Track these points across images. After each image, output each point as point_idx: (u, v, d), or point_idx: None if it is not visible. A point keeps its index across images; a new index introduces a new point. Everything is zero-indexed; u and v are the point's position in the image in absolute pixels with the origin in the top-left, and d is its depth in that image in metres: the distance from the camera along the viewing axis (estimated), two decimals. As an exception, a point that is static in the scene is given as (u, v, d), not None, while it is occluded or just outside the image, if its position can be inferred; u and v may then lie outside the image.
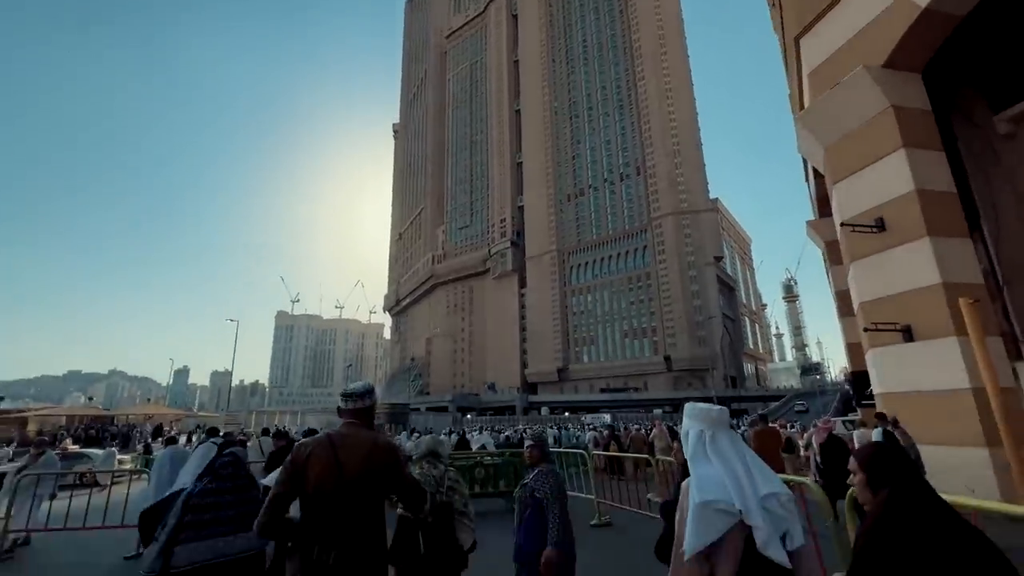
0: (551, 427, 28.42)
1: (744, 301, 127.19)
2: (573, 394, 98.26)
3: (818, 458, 6.81)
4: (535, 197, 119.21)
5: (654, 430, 15.28)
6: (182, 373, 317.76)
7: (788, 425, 19.65)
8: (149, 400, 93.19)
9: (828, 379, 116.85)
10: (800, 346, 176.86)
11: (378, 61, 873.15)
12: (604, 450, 14.70)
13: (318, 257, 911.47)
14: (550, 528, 2.90)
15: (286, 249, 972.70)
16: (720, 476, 1.64)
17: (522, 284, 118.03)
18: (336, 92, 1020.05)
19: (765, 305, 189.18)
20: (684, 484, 1.73)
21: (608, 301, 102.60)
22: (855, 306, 9.55)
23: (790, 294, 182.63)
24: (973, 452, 6.83)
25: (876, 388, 8.51)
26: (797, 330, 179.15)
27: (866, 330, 8.10)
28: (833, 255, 14.50)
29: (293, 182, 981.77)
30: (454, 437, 16.76)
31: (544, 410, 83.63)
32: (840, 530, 3.55)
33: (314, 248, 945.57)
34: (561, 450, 11.74)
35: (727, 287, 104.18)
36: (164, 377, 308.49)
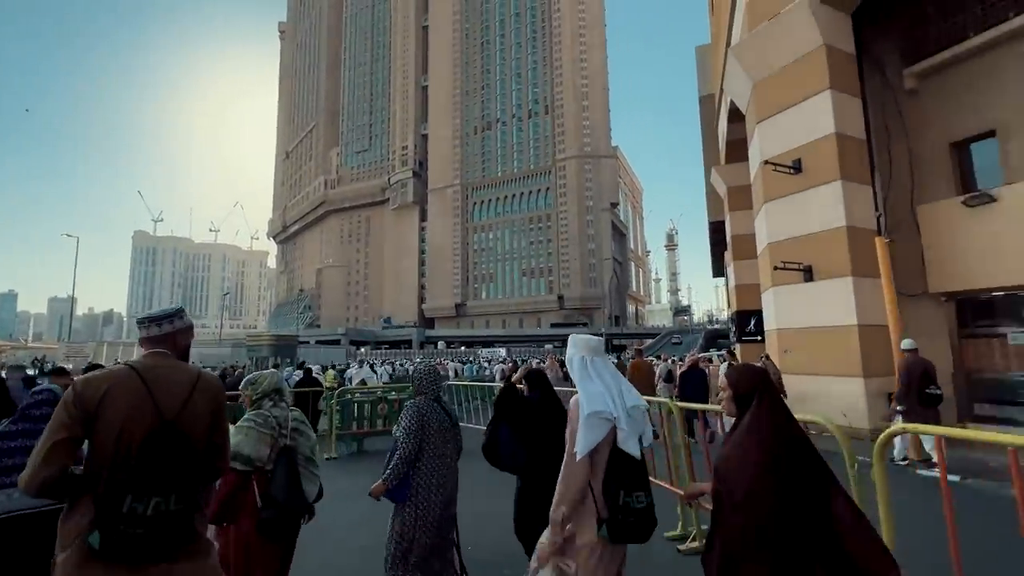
0: (450, 360, 28.28)
1: (632, 247, 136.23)
2: (470, 329, 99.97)
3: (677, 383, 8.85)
4: (440, 127, 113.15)
5: (548, 361, 15.90)
6: (8, 298, 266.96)
7: (669, 359, 21.44)
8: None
9: (694, 320, 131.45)
10: (674, 290, 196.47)
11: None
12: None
13: (188, 171, 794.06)
14: (388, 464, 2.87)
15: (147, 158, 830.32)
16: (602, 392, 2.06)
17: (423, 217, 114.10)
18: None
19: (649, 252, 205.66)
20: (573, 400, 2.08)
21: (509, 240, 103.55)
22: (760, 247, 9.97)
23: (671, 243, 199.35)
24: (852, 382, 7.51)
25: (773, 324, 9.09)
26: (673, 276, 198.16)
27: (776, 268, 8.43)
28: (735, 201, 15.24)
29: (153, 77, 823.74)
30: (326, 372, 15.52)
31: (440, 344, 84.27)
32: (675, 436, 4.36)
33: (183, 161, 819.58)
34: (463, 383, 11.31)
35: (619, 233, 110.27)
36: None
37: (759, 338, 14.79)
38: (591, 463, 2.00)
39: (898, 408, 6.13)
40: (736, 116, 13.64)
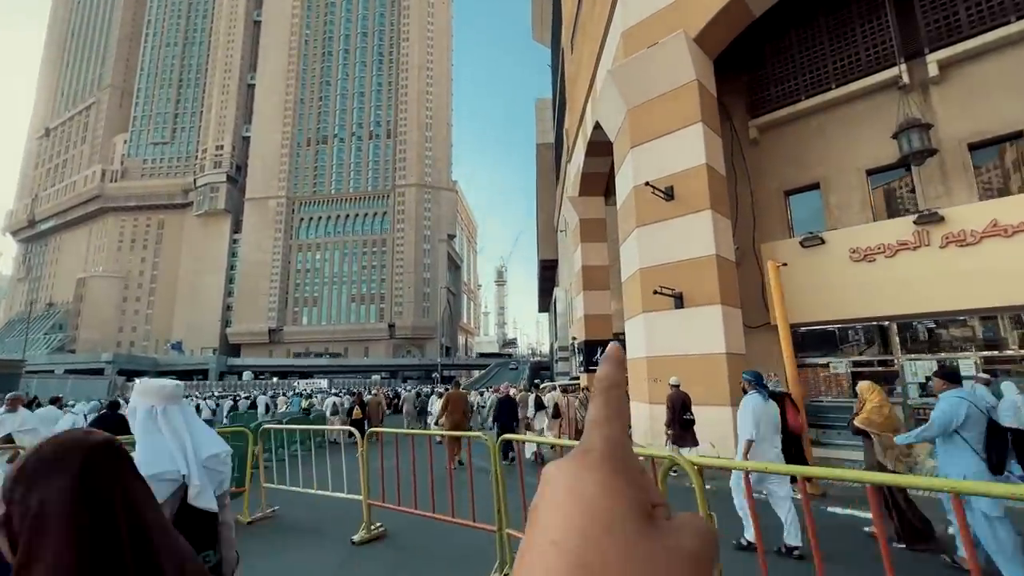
0: (261, 393, 23.31)
1: (465, 280, 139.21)
2: (286, 358, 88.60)
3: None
4: (267, 131, 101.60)
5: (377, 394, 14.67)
6: None
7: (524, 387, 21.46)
8: None
9: (520, 352, 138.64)
10: (502, 324, 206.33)
11: None
12: (350, 417, 12.28)
13: None
14: None
15: None
16: (169, 447, 1.80)
17: (236, 228, 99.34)
18: None
19: (480, 286, 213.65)
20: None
21: (339, 262, 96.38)
22: (626, 273, 9.84)
23: (500, 279, 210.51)
24: (721, 411, 7.41)
25: (642, 352, 8.82)
26: (501, 310, 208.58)
27: (656, 292, 8.18)
28: (587, 233, 15.58)
29: None
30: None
31: (247, 375, 72.41)
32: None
33: None
34: (283, 426, 8.58)
35: (455, 264, 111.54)
36: None
37: (606, 369, 14.98)
38: None
39: (668, 432, 7.33)
40: (596, 149, 13.97)
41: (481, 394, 20.77)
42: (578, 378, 16.90)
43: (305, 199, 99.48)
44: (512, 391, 11.30)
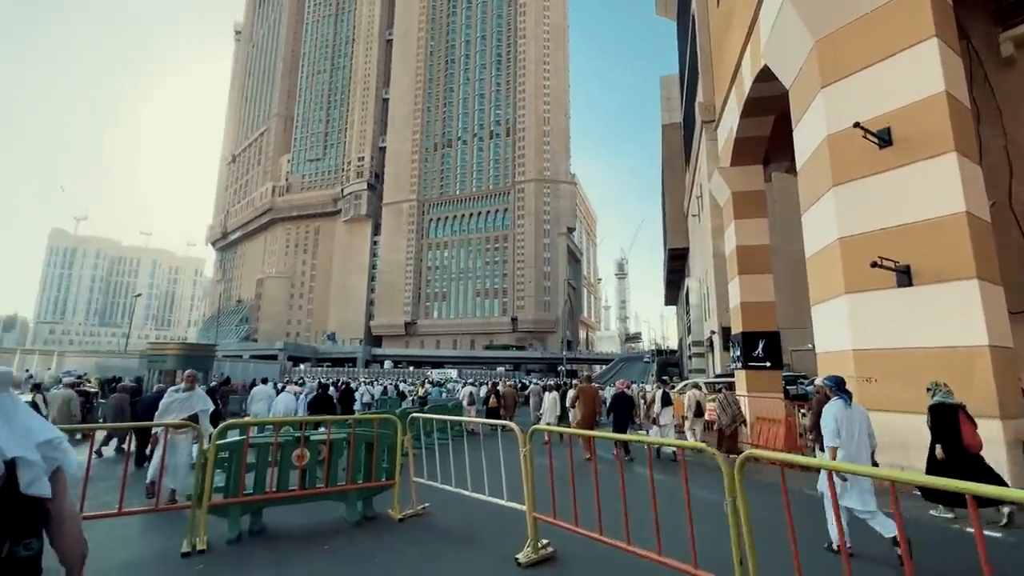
0: (401, 381, 24.81)
1: (585, 274, 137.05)
2: (419, 349, 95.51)
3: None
4: (400, 141, 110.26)
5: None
6: None
7: (657, 385, 20.16)
8: None
9: (642, 348, 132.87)
10: (623, 318, 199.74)
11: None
12: (486, 406, 12.08)
13: (126, 170, 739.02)
14: None
15: (81, 153, 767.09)
16: None
17: (376, 231, 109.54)
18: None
19: (600, 279, 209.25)
20: None
21: (464, 259, 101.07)
22: (814, 247, 7.89)
23: (621, 271, 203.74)
24: (983, 424, 5.33)
25: (847, 344, 6.89)
26: (622, 304, 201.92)
27: (875, 266, 6.27)
28: (741, 208, 13.40)
29: (89, 68, 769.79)
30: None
31: (387, 363, 79.43)
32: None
33: (120, 159, 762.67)
34: (431, 416, 8.39)
35: (574, 258, 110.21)
36: None
37: (768, 364, 12.91)
38: None
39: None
40: (756, 108, 11.87)
41: (602, 388, 20.38)
42: (731, 375, 14.74)
43: (433, 200, 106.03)
44: (641, 388, 11.39)
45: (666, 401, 10.63)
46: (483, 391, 15.29)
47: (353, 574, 3.90)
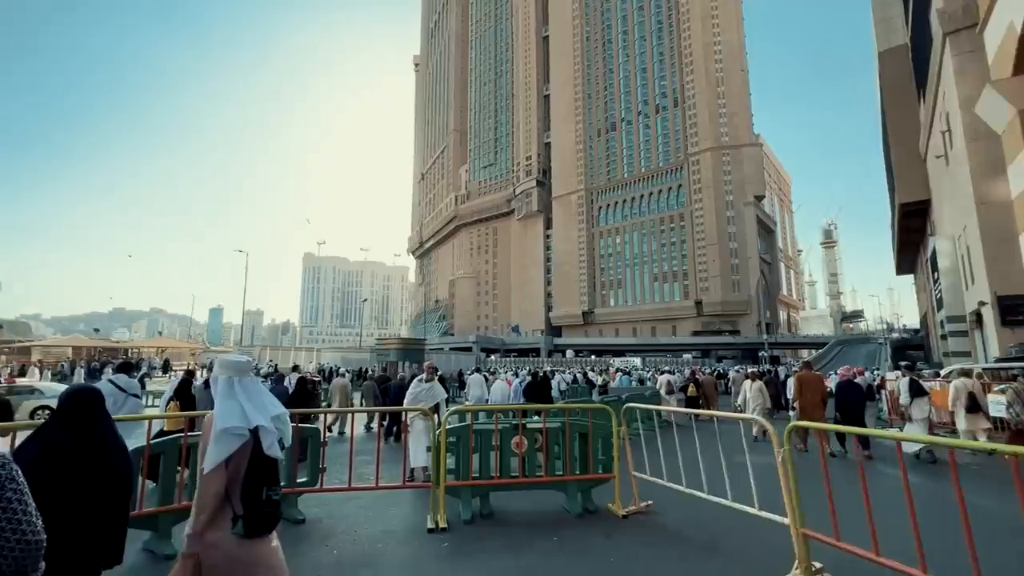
0: (589, 369, 25.42)
1: (781, 246, 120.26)
2: (599, 337, 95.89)
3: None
4: (563, 133, 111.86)
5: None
6: (217, 312, 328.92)
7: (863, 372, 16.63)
8: (190, 337, 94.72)
9: (867, 328, 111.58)
10: (835, 294, 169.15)
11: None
12: (685, 394, 11.62)
13: (343, 200, 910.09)
14: None
15: (311, 193, 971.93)
16: (239, 408, 2.27)
17: (548, 225, 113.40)
18: (354, 22, 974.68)
19: (801, 251, 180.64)
20: (207, 417, 2.28)
21: (638, 243, 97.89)
22: None
23: (828, 240, 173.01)
24: None
25: None
26: (833, 277, 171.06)
27: None
28: None
29: (315, 125, 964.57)
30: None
31: (569, 353, 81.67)
32: None
33: (340, 191, 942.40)
34: (643, 406, 8.36)
35: (766, 229, 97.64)
36: (202, 316, 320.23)
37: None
38: (226, 472, 2.16)
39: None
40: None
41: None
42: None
43: (601, 187, 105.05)
44: (876, 376, 10.48)
45: (916, 391, 8.89)
46: (677, 379, 14.61)
47: (590, 572, 3.78)
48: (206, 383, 8.15)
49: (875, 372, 17.40)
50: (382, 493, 5.60)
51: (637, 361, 54.26)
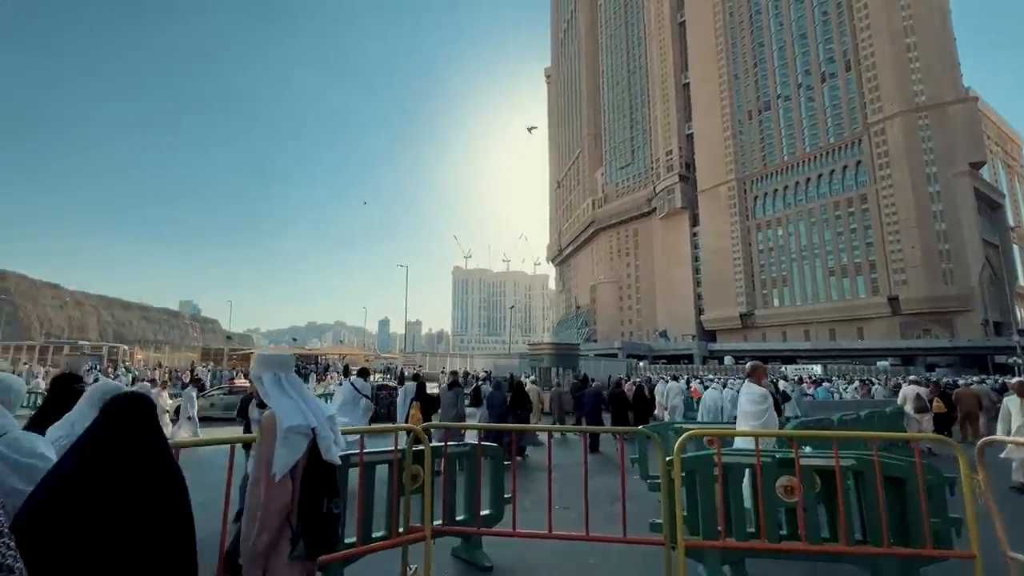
0: (780, 378, 22.16)
1: (1012, 223, 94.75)
2: (762, 342, 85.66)
3: None
4: (707, 121, 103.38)
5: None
6: (385, 323, 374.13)
7: None
8: (364, 345, 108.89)
9: None
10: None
11: (525, 6, 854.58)
12: (929, 411, 9.07)
13: (484, 215, 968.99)
14: None
15: (456, 210, 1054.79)
16: (297, 406, 2.04)
17: (694, 222, 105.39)
18: (487, 46, 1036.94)
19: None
20: (266, 416, 2.02)
21: (805, 234, 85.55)
22: None
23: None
24: None
25: None
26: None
27: None
28: None
29: (459, 150, 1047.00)
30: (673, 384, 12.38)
31: (728, 359, 74.24)
32: None
33: (481, 206, 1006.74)
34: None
35: (989, 204, 77.81)
36: (373, 327, 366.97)
37: None
38: (293, 480, 1.92)
39: None
40: None
41: None
42: None
43: (755, 176, 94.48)
44: None
45: None
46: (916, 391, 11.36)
47: None
48: (449, 385, 8.82)
49: None
50: (594, 545, 4.26)
51: (817, 368, 46.75)
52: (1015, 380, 7.89)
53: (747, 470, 3.58)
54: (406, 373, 32.82)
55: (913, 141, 71.51)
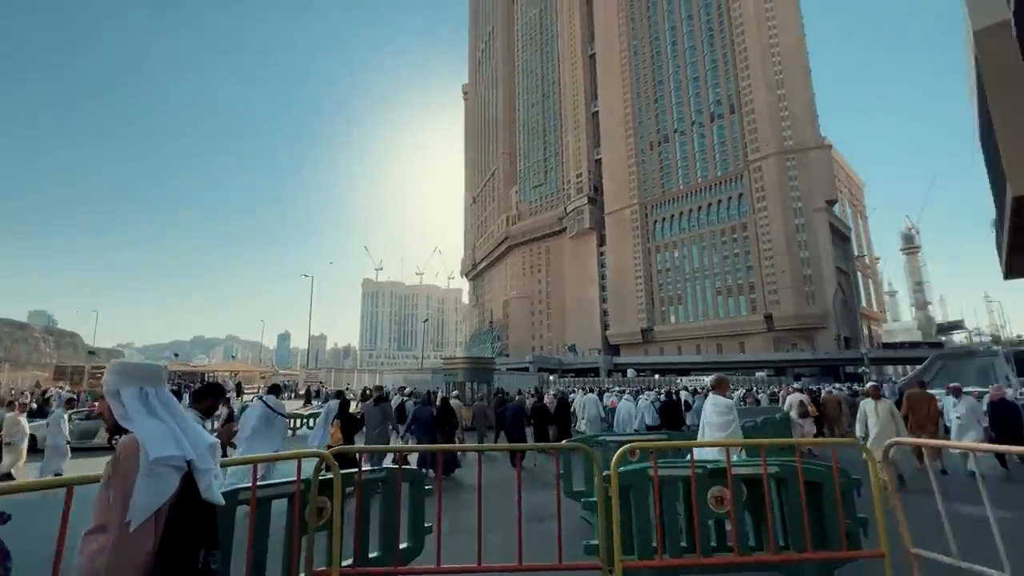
0: (682, 388, 23.71)
1: (857, 253, 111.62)
2: (659, 356, 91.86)
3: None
4: (613, 148, 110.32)
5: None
6: (285, 337, 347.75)
7: None
8: (261, 361, 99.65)
9: (957, 340, 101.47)
10: (922, 304, 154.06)
11: (443, 22, 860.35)
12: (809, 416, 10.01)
13: (398, 227, 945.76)
14: None
15: (368, 221, 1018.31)
16: (168, 430, 1.61)
17: (601, 242, 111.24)
18: (405, 59, 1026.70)
19: (878, 258, 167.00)
20: (125, 441, 1.55)
21: (697, 256, 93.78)
22: None
23: (910, 245, 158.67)
24: None
25: None
26: (918, 286, 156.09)
27: None
28: None
29: (373, 159, 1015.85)
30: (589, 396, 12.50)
31: (630, 372, 78.44)
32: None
33: (394, 219, 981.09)
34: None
35: (840, 236, 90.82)
36: (272, 341, 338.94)
37: None
38: (156, 525, 1.47)
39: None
40: None
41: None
42: None
43: (655, 201, 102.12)
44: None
45: None
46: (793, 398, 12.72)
47: None
48: (375, 401, 8.31)
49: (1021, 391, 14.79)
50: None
51: (707, 380, 50.84)
52: (869, 385, 9.01)
53: (680, 482, 3.49)
54: (312, 390, 30.42)
55: (783, 179, 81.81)
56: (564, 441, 6.32)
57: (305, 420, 16.64)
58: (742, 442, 4.28)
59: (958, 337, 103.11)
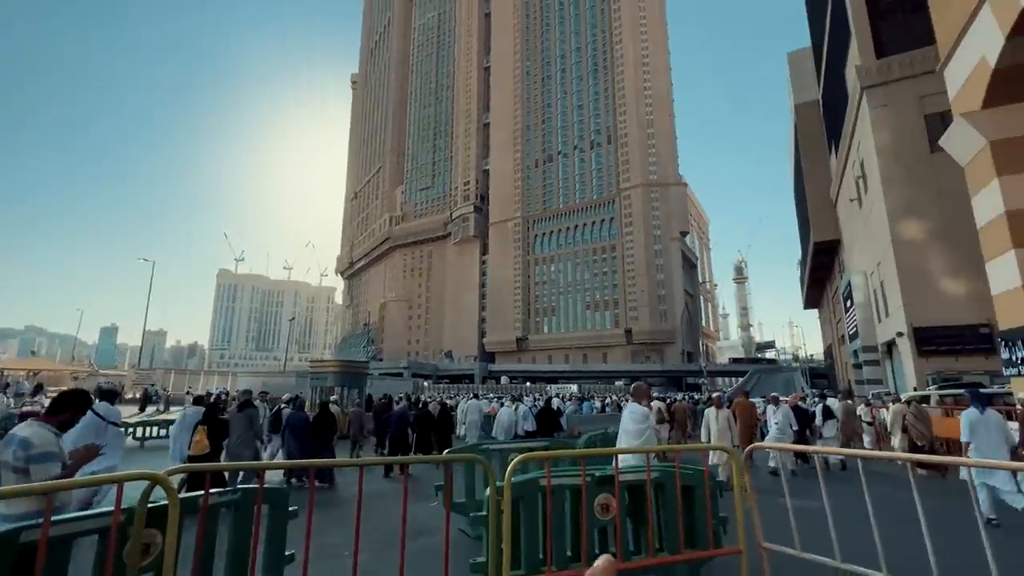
0: (554, 395, 24.57)
1: (701, 280, 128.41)
2: (531, 364, 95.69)
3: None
4: (501, 161, 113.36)
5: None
6: (111, 331, 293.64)
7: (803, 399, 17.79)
8: (74, 358, 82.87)
9: (776, 357, 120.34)
10: (746, 326, 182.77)
11: (335, 6, 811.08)
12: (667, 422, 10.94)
13: (265, 216, 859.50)
14: None
15: (229, 205, 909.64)
16: None
17: (484, 251, 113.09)
18: (289, 36, 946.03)
19: (716, 285, 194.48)
20: None
21: (572, 272, 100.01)
22: None
23: (740, 275, 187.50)
24: None
25: None
26: (744, 311, 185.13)
27: None
28: (1007, 160, 10.42)
29: (237, 134, 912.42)
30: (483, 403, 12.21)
31: (504, 379, 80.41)
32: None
33: (261, 206, 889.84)
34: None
35: (689, 264, 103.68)
36: (93, 335, 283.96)
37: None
38: None
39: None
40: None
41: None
42: (1008, 383, 11.49)
43: (537, 216, 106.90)
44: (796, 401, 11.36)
45: (827, 414, 11.14)
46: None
47: None
48: (239, 407, 7.54)
49: (813, 399, 17.96)
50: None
51: (574, 388, 54.13)
52: (715, 395, 10.34)
53: (568, 491, 3.47)
54: (149, 393, 25.90)
55: (647, 209, 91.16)
56: (447, 451, 6.07)
57: (153, 429, 14.22)
58: (646, 448, 4.42)
59: (770, 354, 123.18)
